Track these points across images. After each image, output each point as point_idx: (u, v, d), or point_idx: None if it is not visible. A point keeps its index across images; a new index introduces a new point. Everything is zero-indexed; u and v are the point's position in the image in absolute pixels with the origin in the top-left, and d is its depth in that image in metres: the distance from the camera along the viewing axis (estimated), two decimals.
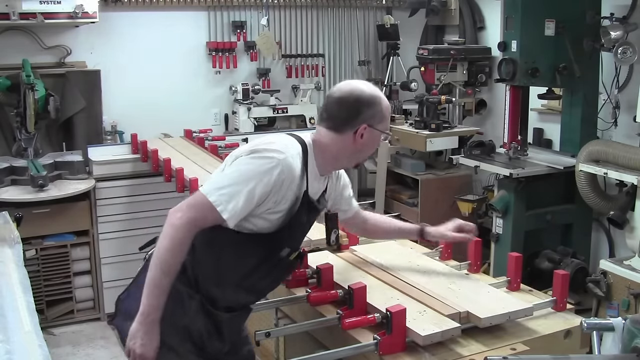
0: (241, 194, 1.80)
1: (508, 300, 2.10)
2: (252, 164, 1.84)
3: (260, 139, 2.00)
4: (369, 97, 1.99)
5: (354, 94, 1.99)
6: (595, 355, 1.83)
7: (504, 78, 4.12)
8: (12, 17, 4.17)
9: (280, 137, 1.99)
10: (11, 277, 2.55)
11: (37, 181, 4.06)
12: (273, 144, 1.90)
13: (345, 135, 1.99)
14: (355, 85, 2.03)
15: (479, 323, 1.95)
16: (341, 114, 1.99)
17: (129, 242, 4.45)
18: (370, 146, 2.06)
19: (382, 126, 2.03)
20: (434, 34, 5.78)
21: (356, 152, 2.04)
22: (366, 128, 1.98)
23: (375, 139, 2.04)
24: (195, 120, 5.04)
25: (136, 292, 1.90)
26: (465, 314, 1.98)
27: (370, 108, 1.99)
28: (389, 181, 5.07)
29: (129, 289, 2.01)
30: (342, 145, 2.00)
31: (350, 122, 1.98)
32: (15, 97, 4.23)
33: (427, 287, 2.16)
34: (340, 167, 2.15)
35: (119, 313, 2.04)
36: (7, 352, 1.90)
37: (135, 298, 1.89)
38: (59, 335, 4.29)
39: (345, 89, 2.02)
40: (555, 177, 4.11)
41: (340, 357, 1.88)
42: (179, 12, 5.08)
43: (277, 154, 1.85)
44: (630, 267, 3.40)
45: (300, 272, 2.28)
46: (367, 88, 2.02)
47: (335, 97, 2.02)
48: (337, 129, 2.00)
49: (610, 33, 3.93)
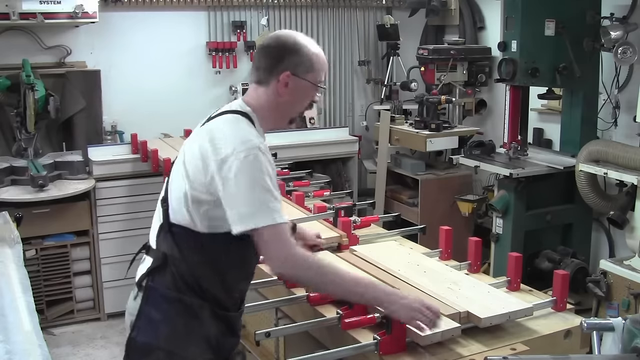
0: (276, 194, 1.79)
1: (508, 300, 2.10)
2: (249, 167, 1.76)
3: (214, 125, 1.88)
4: (293, 44, 1.88)
5: (278, 40, 1.90)
6: (595, 355, 1.83)
7: (504, 78, 4.12)
8: (12, 17, 4.17)
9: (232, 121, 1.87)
10: (11, 277, 2.55)
11: (37, 181, 4.06)
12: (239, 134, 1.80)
13: (270, 85, 1.89)
14: (282, 32, 1.95)
15: (479, 323, 1.95)
16: (264, 62, 1.90)
17: (129, 242, 4.45)
18: (299, 98, 1.93)
19: (310, 77, 1.90)
20: (434, 34, 5.78)
21: (284, 105, 1.92)
22: (290, 76, 1.87)
23: (303, 91, 1.91)
24: (195, 120, 4.92)
25: (146, 326, 1.87)
26: (465, 314, 1.97)
27: (294, 55, 1.87)
28: (389, 181, 5.07)
29: (137, 325, 1.88)
30: (269, 99, 1.91)
31: (272, 70, 1.88)
32: (15, 97, 4.23)
33: (427, 287, 2.16)
34: (273, 125, 1.99)
35: (134, 352, 1.90)
36: (7, 352, 1.90)
37: (148, 331, 1.86)
38: (59, 335, 4.29)
39: (270, 37, 1.94)
40: (555, 177, 4.11)
41: (340, 357, 1.88)
42: (179, 12, 5.08)
43: (251, 143, 1.78)
44: (630, 267, 3.40)
45: None
46: (294, 35, 1.92)
47: (259, 45, 1.95)
48: (262, 80, 1.91)
49: (610, 33, 3.93)
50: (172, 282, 1.86)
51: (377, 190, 5.07)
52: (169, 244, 1.88)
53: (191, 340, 1.87)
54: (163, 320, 1.86)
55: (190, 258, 1.86)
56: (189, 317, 1.86)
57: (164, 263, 1.86)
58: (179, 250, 1.86)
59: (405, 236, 2.90)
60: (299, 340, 2.28)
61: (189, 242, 1.86)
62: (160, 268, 1.87)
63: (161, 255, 1.88)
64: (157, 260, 1.88)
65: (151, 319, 1.86)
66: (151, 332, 1.86)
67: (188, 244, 1.86)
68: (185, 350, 1.86)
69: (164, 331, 1.86)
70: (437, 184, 4.87)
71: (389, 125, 5.00)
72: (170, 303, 1.86)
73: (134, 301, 1.92)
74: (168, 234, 1.88)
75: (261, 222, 1.75)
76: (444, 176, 4.94)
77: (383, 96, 5.57)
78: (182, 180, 1.87)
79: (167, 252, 1.87)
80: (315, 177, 4.36)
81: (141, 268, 1.95)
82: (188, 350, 1.86)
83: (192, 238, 1.85)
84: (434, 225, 2.90)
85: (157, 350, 1.86)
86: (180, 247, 1.86)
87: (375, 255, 2.49)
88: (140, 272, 1.93)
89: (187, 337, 1.87)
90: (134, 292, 1.95)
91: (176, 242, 1.87)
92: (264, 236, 1.76)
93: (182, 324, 1.86)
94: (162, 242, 1.89)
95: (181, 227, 1.86)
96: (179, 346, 1.86)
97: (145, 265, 1.94)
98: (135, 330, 1.89)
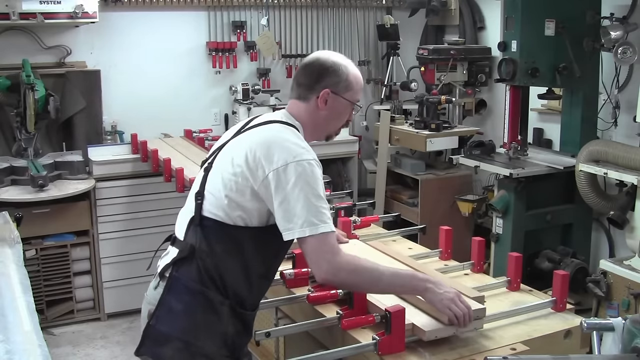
0: (323, 202, 1.86)
1: None
2: (303, 176, 1.84)
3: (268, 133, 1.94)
4: (333, 64, 2.01)
5: (319, 60, 2.02)
6: (595, 355, 1.83)
7: (504, 78, 4.11)
8: (12, 17, 4.17)
9: (285, 131, 1.95)
10: (11, 277, 2.55)
11: (37, 181, 4.06)
12: (293, 144, 1.89)
13: (311, 102, 2.01)
14: (323, 53, 2.07)
15: (423, 336, 1.88)
16: (305, 79, 2.02)
17: (129, 242, 4.46)
18: (337, 116, 2.05)
19: (348, 95, 2.02)
20: (434, 34, 5.78)
21: (323, 121, 2.04)
22: (329, 94, 1.99)
23: (342, 108, 2.04)
24: (195, 120, 5.04)
25: (166, 315, 1.90)
26: (410, 326, 1.90)
27: (334, 74, 2.00)
28: (389, 181, 5.07)
29: (157, 314, 1.92)
30: (308, 114, 2.02)
31: (313, 87, 2.00)
32: (15, 97, 4.23)
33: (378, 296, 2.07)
34: (311, 139, 2.09)
35: (149, 340, 1.93)
36: (7, 352, 1.90)
37: (167, 321, 1.90)
38: (59, 335, 4.29)
39: (311, 56, 2.06)
40: (555, 177, 4.11)
41: (340, 357, 1.89)
42: (179, 12, 5.08)
43: (306, 153, 1.88)
44: (630, 267, 3.40)
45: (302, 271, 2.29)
46: (334, 56, 2.04)
47: (301, 65, 2.07)
48: (302, 96, 2.02)
49: (610, 33, 3.93)
50: (197, 275, 1.90)
51: (377, 190, 5.07)
52: (198, 237, 1.92)
53: (209, 335, 1.91)
54: (183, 311, 1.89)
55: (218, 252, 1.90)
56: (209, 312, 1.90)
57: (191, 255, 1.91)
58: (207, 244, 1.91)
59: (405, 236, 2.90)
60: (299, 340, 2.28)
61: (220, 236, 1.91)
62: (186, 260, 1.91)
63: (188, 247, 1.92)
64: (184, 251, 1.92)
65: (171, 309, 1.90)
66: (170, 321, 1.90)
67: (218, 238, 1.91)
68: (203, 343, 1.89)
69: (183, 322, 1.89)
70: (437, 184, 4.87)
71: (389, 125, 5.00)
72: (193, 295, 1.90)
73: (154, 291, 1.97)
74: (198, 227, 1.93)
75: (312, 230, 1.82)
76: (444, 176, 4.94)
77: (383, 96, 5.57)
78: (227, 179, 1.92)
79: (195, 245, 1.91)
80: None
81: (165, 259, 1.99)
82: (205, 344, 1.90)
83: (224, 232, 1.90)
84: (434, 225, 2.91)
85: (175, 340, 1.89)
86: (209, 240, 1.91)
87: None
88: (164, 263, 1.97)
89: (206, 331, 1.90)
90: (154, 281, 1.99)
91: (205, 235, 1.91)
92: (312, 244, 1.84)
93: (202, 318, 1.89)
94: (191, 234, 1.94)
95: (214, 221, 1.91)
96: (197, 338, 1.89)
97: (170, 256, 1.98)
98: (154, 319, 1.92)
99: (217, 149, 2.06)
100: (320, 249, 1.84)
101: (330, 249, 1.85)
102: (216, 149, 2.07)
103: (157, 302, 1.92)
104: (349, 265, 1.88)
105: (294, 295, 2.23)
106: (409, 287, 1.96)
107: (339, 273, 1.86)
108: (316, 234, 1.82)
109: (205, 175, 2.00)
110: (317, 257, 1.85)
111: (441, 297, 1.89)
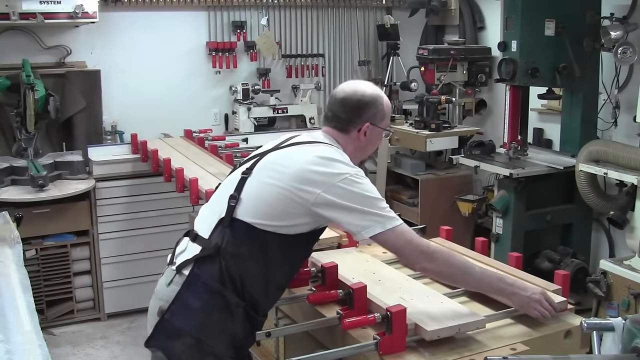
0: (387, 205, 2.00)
1: (460, 311, 2.00)
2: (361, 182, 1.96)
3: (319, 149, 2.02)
4: (370, 97, 2.11)
5: (357, 94, 2.11)
6: (595, 355, 1.83)
7: (504, 78, 4.12)
8: (12, 17, 4.17)
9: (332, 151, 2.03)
10: (11, 277, 2.54)
11: (37, 181, 4.06)
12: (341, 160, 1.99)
13: (351, 134, 2.11)
14: (358, 85, 2.14)
15: (425, 336, 1.87)
16: (345, 114, 2.11)
17: (129, 242, 4.46)
18: (373, 143, 2.19)
19: (383, 124, 2.15)
20: (434, 34, 5.78)
21: (360, 150, 2.16)
22: (369, 126, 2.10)
23: (377, 136, 2.16)
24: (195, 120, 5.04)
25: (181, 311, 1.92)
26: (413, 326, 1.89)
27: (372, 107, 2.10)
28: (389, 181, 5.07)
29: (172, 308, 1.94)
30: (347, 144, 2.12)
31: (354, 121, 2.10)
32: (15, 97, 4.23)
33: (378, 296, 2.07)
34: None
35: (161, 332, 1.95)
36: (7, 352, 1.90)
37: (182, 316, 1.91)
38: (59, 335, 4.29)
39: (348, 90, 2.13)
40: (555, 177, 4.11)
41: (340, 357, 1.89)
42: (179, 12, 5.08)
43: (358, 170, 2.00)
44: (630, 267, 3.40)
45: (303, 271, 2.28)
46: (369, 88, 2.13)
47: (339, 98, 2.13)
48: (342, 128, 2.12)
49: (610, 33, 3.93)
50: (219, 275, 1.92)
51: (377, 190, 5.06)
52: (226, 238, 1.94)
53: (220, 335, 1.92)
54: (200, 309, 1.91)
55: (243, 254, 1.93)
56: (224, 313, 1.92)
57: (215, 254, 1.92)
58: (234, 245, 1.93)
59: None
60: (299, 340, 2.28)
61: (248, 239, 1.93)
62: (209, 258, 1.93)
63: (213, 246, 1.93)
64: (208, 250, 1.94)
65: (188, 305, 1.92)
66: (186, 317, 1.91)
67: (246, 241, 1.93)
68: (214, 343, 1.91)
69: (199, 320, 1.91)
70: (437, 184, 4.87)
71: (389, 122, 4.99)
72: (211, 294, 1.91)
73: (167, 287, 1.98)
74: (227, 229, 1.94)
75: (393, 223, 1.94)
76: (444, 176, 4.94)
77: None
78: (273, 191, 1.95)
79: (221, 245, 1.93)
80: None
81: (183, 255, 2.00)
82: (216, 343, 1.92)
83: (254, 236, 1.93)
84: (434, 225, 2.91)
85: (187, 336, 1.91)
86: (236, 242, 1.93)
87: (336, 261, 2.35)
88: (183, 259, 1.98)
89: (218, 331, 1.92)
90: (167, 277, 2.00)
91: (234, 236, 1.93)
92: (392, 238, 1.95)
93: (217, 318, 1.92)
94: (218, 234, 1.95)
95: (246, 224, 1.93)
96: (209, 337, 1.91)
97: (189, 252, 1.99)
98: (169, 313, 1.94)
99: (256, 156, 2.09)
100: (409, 239, 1.96)
101: (417, 238, 1.97)
102: (255, 156, 2.10)
103: (174, 297, 1.94)
104: (442, 254, 2.00)
105: (294, 295, 2.23)
106: (496, 288, 2.06)
107: (435, 260, 1.98)
108: (397, 226, 1.94)
109: (242, 180, 2.02)
110: (410, 247, 1.96)
111: (528, 301, 2.00)
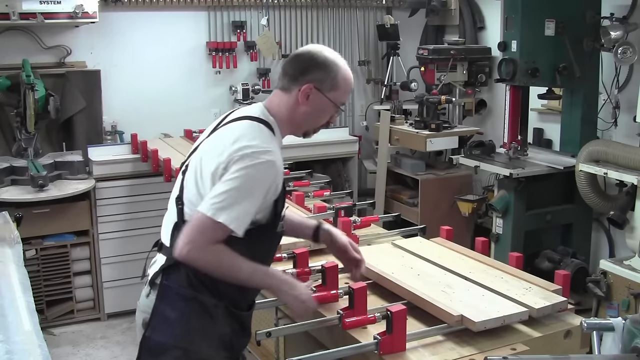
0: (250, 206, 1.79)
1: (503, 304, 2.06)
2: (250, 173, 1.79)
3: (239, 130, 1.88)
4: (325, 60, 1.92)
5: (311, 52, 1.95)
6: (595, 355, 1.83)
7: (504, 78, 4.12)
8: (12, 17, 4.16)
9: (254, 128, 1.88)
10: (11, 277, 2.55)
11: (37, 181, 4.06)
12: (256, 142, 1.83)
13: (292, 93, 1.92)
14: (318, 46, 1.99)
15: (473, 327, 1.92)
16: (292, 70, 1.94)
17: (129, 242, 4.46)
18: (317, 114, 1.96)
19: (332, 94, 1.93)
20: (434, 34, 5.78)
21: (301, 116, 1.95)
22: (312, 89, 1.90)
23: (323, 107, 1.94)
24: (195, 120, 5.02)
25: (160, 325, 1.87)
26: (459, 317, 1.94)
27: (323, 70, 1.91)
28: (389, 181, 5.08)
29: (151, 324, 1.88)
30: (287, 107, 1.94)
31: (298, 79, 1.91)
32: (15, 97, 4.23)
33: (421, 290, 2.12)
34: (288, 132, 2.03)
35: (147, 352, 1.90)
36: (7, 352, 1.90)
37: (162, 330, 1.87)
38: (59, 335, 4.29)
39: (304, 47, 2.00)
40: (555, 177, 4.11)
41: (340, 357, 1.88)
42: (179, 12, 5.08)
43: (268, 155, 1.81)
44: (630, 267, 3.40)
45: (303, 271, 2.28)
46: (330, 53, 1.95)
47: (293, 54, 1.99)
48: (286, 87, 1.94)
49: (610, 33, 3.93)
50: (187, 281, 1.87)
51: (377, 190, 5.07)
52: None
53: (206, 339, 1.88)
54: (178, 318, 1.87)
55: None
56: (204, 316, 1.87)
57: (178, 261, 1.85)
58: None
59: (405, 236, 2.89)
60: (299, 340, 2.28)
61: None
62: (174, 266, 1.87)
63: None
64: (171, 258, 1.87)
65: (166, 318, 1.87)
66: (166, 330, 1.86)
67: None
68: (199, 348, 1.87)
69: (180, 330, 1.86)
70: (437, 184, 4.87)
71: (389, 125, 5.00)
72: (186, 301, 1.87)
73: (147, 299, 1.93)
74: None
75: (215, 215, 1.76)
76: (444, 176, 4.94)
77: (383, 96, 5.57)
78: (200, 179, 1.88)
79: None
80: (315, 177, 4.36)
81: (154, 267, 1.96)
82: (202, 347, 1.87)
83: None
84: (434, 225, 2.91)
85: (172, 349, 1.86)
86: None
87: (368, 258, 2.44)
88: (153, 270, 1.94)
89: (202, 336, 1.88)
90: (145, 289, 1.95)
91: None
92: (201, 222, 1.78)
93: (197, 323, 1.87)
94: (176, 240, 1.88)
95: None
96: (194, 343, 1.87)
97: (158, 263, 1.95)
98: (149, 330, 1.89)
99: (193, 150, 2.01)
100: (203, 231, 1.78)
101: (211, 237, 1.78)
102: (192, 150, 2.01)
103: (151, 311, 1.89)
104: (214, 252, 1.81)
105: None
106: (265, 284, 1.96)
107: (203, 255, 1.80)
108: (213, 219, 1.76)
109: (182, 179, 1.96)
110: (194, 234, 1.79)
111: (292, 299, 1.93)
